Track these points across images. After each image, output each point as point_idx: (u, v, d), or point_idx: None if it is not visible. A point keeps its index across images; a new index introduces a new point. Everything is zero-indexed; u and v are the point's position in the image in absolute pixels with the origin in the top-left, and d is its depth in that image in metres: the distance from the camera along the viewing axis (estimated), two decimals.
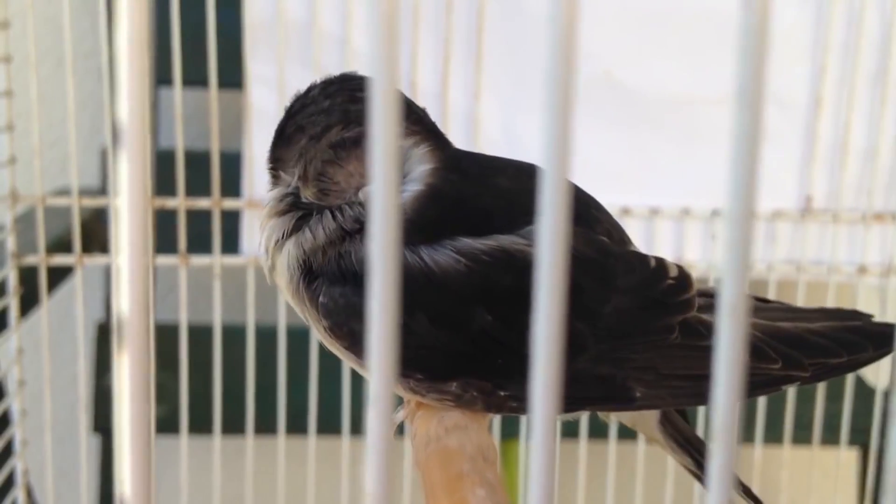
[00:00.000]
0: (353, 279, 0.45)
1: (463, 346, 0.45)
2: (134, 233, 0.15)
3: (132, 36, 0.15)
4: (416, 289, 0.44)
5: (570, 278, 0.20)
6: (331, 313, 0.45)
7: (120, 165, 0.15)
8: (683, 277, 0.50)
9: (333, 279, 0.46)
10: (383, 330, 0.19)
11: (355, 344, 0.46)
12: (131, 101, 0.15)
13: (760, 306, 0.53)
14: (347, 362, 0.49)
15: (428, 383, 0.46)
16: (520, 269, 0.44)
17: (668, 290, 0.49)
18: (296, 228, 0.47)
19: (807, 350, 0.49)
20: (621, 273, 0.48)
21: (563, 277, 0.18)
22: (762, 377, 0.49)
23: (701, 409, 0.87)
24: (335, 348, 0.48)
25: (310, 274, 0.47)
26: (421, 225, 0.45)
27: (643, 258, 0.50)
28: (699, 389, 0.48)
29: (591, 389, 0.47)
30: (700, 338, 0.48)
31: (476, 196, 0.48)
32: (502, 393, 0.46)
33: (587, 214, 0.49)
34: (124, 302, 0.16)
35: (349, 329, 0.45)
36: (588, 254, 0.47)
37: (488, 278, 0.45)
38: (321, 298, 0.46)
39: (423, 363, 0.45)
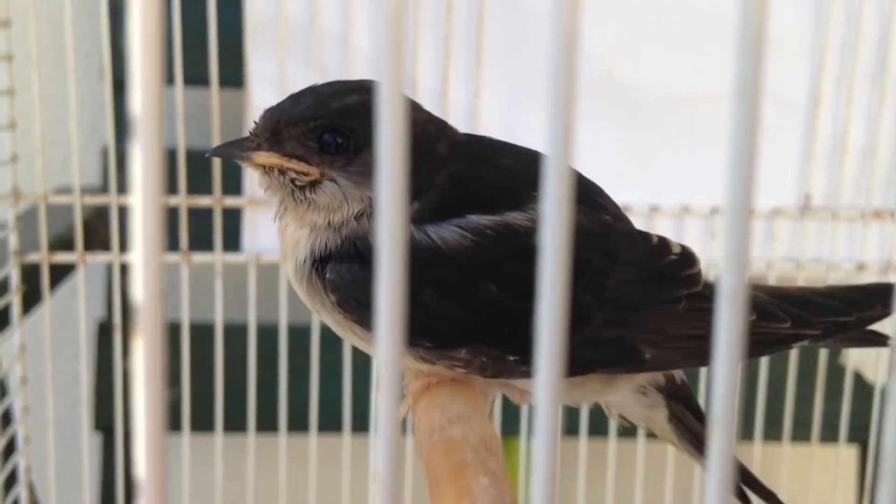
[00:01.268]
0: (359, 258, 0.46)
1: (470, 316, 0.46)
2: (148, 213, 0.15)
3: (145, 28, 0.16)
4: (423, 264, 0.45)
5: (574, 252, 0.20)
6: (338, 288, 0.46)
7: (133, 157, 0.16)
8: (687, 255, 0.51)
9: (343, 259, 0.47)
10: (391, 317, 0.20)
11: (364, 318, 0.47)
12: (144, 92, 0.15)
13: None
14: (358, 344, 0.50)
15: (437, 351, 0.47)
16: (523, 242, 0.45)
17: (672, 265, 0.50)
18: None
19: (815, 309, 0.50)
20: (623, 247, 0.49)
21: (566, 257, 0.19)
22: (771, 336, 0.49)
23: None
24: (345, 329, 0.48)
25: (322, 260, 0.48)
26: (438, 204, 0.47)
27: (645, 235, 0.51)
28: (709, 349, 0.48)
29: (600, 352, 0.48)
30: (707, 301, 0.48)
31: (486, 175, 0.49)
32: (512, 358, 0.46)
33: (591, 201, 0.50)
34: (139, 288, 0.16)
35: (356, 302, 0.46)
36: (590, 228, 0.48)
37: (493, 251, 0.46)
38: (328, 275, 0.47)
39: (431, 332, 0.46)
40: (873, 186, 0.92)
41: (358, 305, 0.46)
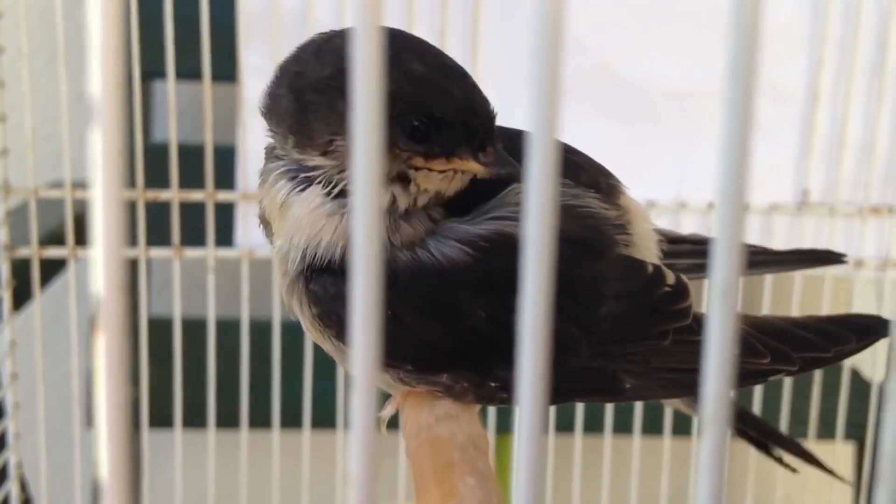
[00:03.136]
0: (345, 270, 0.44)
1: (454, 342, 0.44)
2: (109, 202, 0.14)
3: (105, 8, 0.15)
4: (409, 282, 0.43)
5: (558, 268, 0.20)
6: (320, 301, 0.45)
7: (93, 138, 0.15)
8: (680, 286, 0.48)
9: (328, 269, 0.44)
10: (366, 317, 0.19)
11: (343, 332, 0.45)
12: (105, 68, 0.14)
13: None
14: (336, 358, 0.48)
15: (417, 374, 0.45)
16: (516, 259, 0.43)
17: (665, 298, 0.48)
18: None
19: (795, 343, 0.49)
20: (615, 278, 0.46)
21: (549, 260, 0.18)
22: (750, 370, 0.48)
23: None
24: (324, 340, 0.47)
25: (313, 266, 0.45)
26: (457, 203, 0.45)
27: (639, 263, 0.48)
28: (689, 381, 0.47)
29: (579, 381, 0.46)
30: (692, 333, 0.47)
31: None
32: (493, 384, 0.45)
33: (566, 161, 0.48)
34: (99, 281, 0.15)
35: (338, 317, 0.44)
36: (577, 234, 0.46)
37: (487, 265, 0.44)
38: (311, 286, 0.45)
39: (413, 355, 0.44)
40: (871, 182, 0.91)
41: (339, 321, 0.44)
